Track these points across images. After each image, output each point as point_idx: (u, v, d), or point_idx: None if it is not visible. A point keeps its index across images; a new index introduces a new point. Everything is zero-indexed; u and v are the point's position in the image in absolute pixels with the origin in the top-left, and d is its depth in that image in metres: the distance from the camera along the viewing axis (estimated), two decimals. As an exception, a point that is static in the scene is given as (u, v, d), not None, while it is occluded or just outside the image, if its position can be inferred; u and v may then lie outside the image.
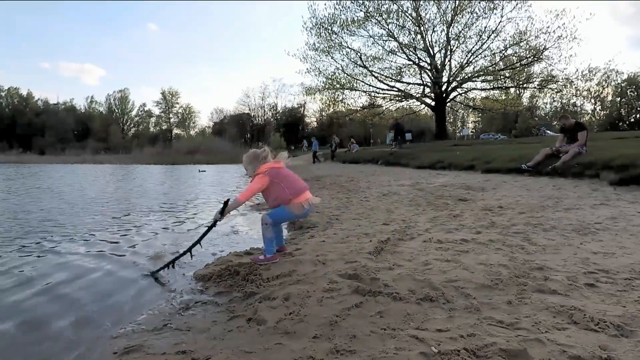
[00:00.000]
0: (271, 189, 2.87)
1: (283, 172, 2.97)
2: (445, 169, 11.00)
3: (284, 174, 2.95)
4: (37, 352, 1.83)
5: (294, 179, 2.99)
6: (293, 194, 2.89)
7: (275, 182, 2.86)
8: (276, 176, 2.88)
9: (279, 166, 2.98)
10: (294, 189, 2.91)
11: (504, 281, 2.21)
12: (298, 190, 2.93)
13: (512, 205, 4.68)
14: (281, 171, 2.95)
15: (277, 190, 2.87)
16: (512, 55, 27.20)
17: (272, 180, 2.85)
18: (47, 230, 4.69)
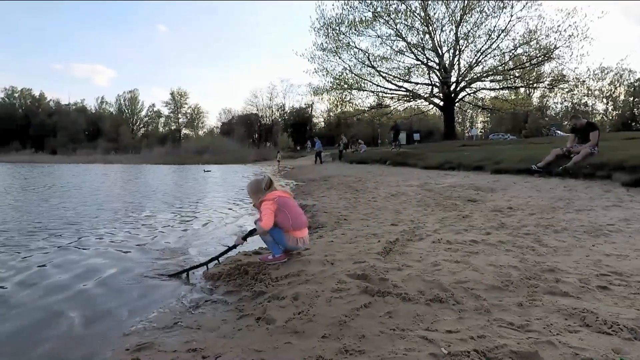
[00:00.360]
0: (275, 216, 2.86)
1: (290, 202, 2.99)
2: (454, 169, 10.92)
3: (290, 204, 2.97)
4: (51, 347, 1.86)
5: (298, 212, 3.01)
6: (294, 227, 2.90)
7: (281, 209, 2.87)
8: (283, 205, 2.89)
9: (286, 196, 3.00)
10: (296, 221, 2.92)
11: (514, 283, 2.20)
12: (299, 224, 2.95)
13: (522, 206, 4.64)
14: (288, 201, 2.97)
15: (281, 217, 2.86)
16: (522, 55, 26.92)
17: (278, 208, 2.86)
18: (60, 228, 4.76)
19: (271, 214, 2.79)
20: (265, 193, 2.93)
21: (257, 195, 2.97)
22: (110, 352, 1.78)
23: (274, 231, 2.88)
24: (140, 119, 78.17)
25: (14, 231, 4.62)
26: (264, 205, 2.84)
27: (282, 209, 2.87)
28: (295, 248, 2.97)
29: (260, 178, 3.04)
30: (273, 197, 2.89)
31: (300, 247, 2.98)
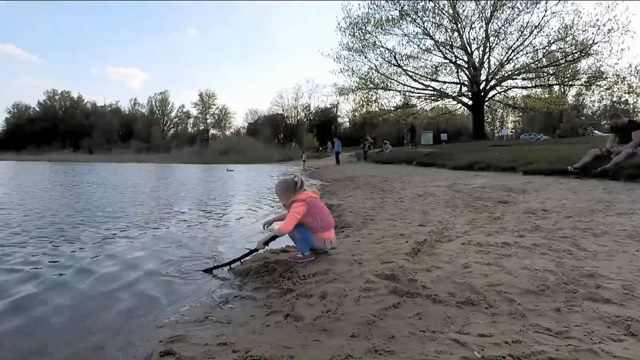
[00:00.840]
0: (305, 217, 2.86)
1: (319, 203, 2.99)
2: (484, 170, 10.63)
3: (319, 205, 2.97)
4: (89, 339, 1.94)
5: (326, 212, 3.01)
6: (323, 228, 2.91)
7: (312, 212, 2.87)
8: (313, 206, 2.89)
9: (316, 196, 3.01)
10: (325, 222, 2.93)
11: (550, 287, 2.11)
12: (327, 225, 2.96)
13: (558, 209, 4.44)
14: (317, 202, 2.97)
15: (310, 219, 2.87)
16: (557, 51, 25.82)
17: (309, 210, 2.86)
18: (101, 221, 4.99)
19: (295, 219, 2.81)
20: (296, 193, 2.93)
21: (286, 195, 2.97)
22: (145, 343, 1.84)
23: (302, 231, 2.90)
24: (170, 119, 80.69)
25: (65, 224, 4.88)
26: (294, 207, 2.85)
27: (312, 210, 2.87)
28: (323, 249, 2.97)
29: (290, 178, 3.03)
30: (305, 197, 2.89)
31: (327, 247, 2.98)
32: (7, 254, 3.48)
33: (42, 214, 5.89)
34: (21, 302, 2.41)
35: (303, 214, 2.84)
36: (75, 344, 1.87)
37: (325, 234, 2.93)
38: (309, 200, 2.87)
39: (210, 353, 1.64)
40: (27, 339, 1.93)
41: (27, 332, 2.02)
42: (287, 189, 2.97)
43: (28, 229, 4.68)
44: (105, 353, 1.78)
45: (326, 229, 2.94)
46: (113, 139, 71.48)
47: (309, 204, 2.86)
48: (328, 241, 2.96)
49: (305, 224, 2.87)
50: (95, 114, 77.80)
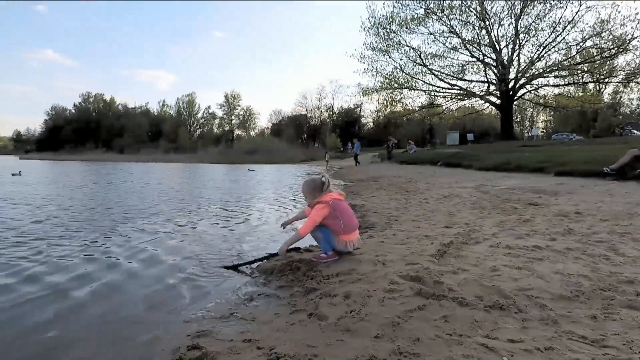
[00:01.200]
0: (327, 219, 2.85)
1: (343, 205, 2.96)
2: (512, 171, 10.29)
3: (343, 207, 2.94)
4: (121, 329, 2.02)
5: (350, 214, 2.98)
6: (345, 230, 2.88)
7: (334, 214, 2.85)
8: (337, 208, 2.87)
9: (340, 198, 2.98)
10: (348, 225, 2.89)
11: (585, 293, 2.01)
12: (350, 227, 2.92)
13: (593, 212, 4.25)
14: (342, 204, 2.95)
15: (332, 221, 2.85)
16: (592, 47, 24.63)
17: (331, 212, 2.84)
18: (131, 218, 5.18)
19: (314, 222, 2.80)
20: (322, 194, 2.92)
21: (312, 195, 2.96)
22: (172, 337, 1.90)
23: (324, 231, 2.89)
24: (196, 120, 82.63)
25: (102, 220, 5.11)
26: (315, 209, 2.85)
27: (335, 212, 2.85)
28: (343, 251, 2.94)
29: (317, 177, 3.02)
30: (328, 199, 2.87)
31: (348, 249, 2.95)
32: (48, 247, 3.67)
33: (85, 209, 6.17)
34: (60, 291, 2.53)
35: (325, 217, 2.83)
36: (108, 335, 1.95)
37: (347, 236, 2.90)
38: (332, 203, 2.85)
39: (235, 349, 1.67)
40: (65, 328, 2.02)
41: (64, 321, 2.11)
42: (313, 188, 2.97)
43: (65, 222, 4.92)
44: (135, 345, 1.85)
45: (348, 232, 2.91)
46: (142, 139, 73.87)
47: (332, 206, 2.84)
48: (350, 244, 2.93)
49: (328, 226, 2.86)
50: (126, 115, 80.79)
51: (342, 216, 2.87)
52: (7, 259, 3.31)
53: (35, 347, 1.85)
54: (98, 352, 1.80)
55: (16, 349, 1.84)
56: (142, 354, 1.76)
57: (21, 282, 2.76)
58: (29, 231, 4.47)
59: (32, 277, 2.86)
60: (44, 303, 2.37)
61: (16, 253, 3.50)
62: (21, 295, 2.50)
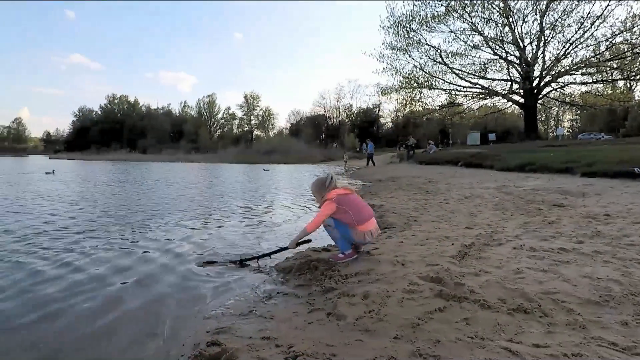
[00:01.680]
0: (336, 214, 2.86)
1: (351, 198, 2.95)
2: (536, 171, 10.00)
3: (352, 200, 2.93)
4: (143, 325, 2.07)
5: (361, 206, 2.95)
6: (358, 221, 2.85)
7: (342, 208, 2.85)
8: (343, 203, 2.87)
9: (347, 192, 2.97)
10: (359, 216, 2.87)
11: (616, 298, 1.93)
12: (363, 218, 2.89)
13: (623, 214, 4.07)
14: (349, 197, 2.93)
15: (341, 215, 2.85)
16: (622, 43, 23.59)
17: (338, 207, 2.85)
18: (156, 215, 5.31)
19: (321, 219, 2.85)
20: (327, 191, 2.96)
21: (320, 194, 3.02)
22: (193, 333, 1.93)
23: (340, 227, 2.88)
24: (217, 121, 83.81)
25: (128, 218, 5.27)
26: (322, 207, 2.89)
27: (342, 206, 2.85)
28: (363, 242, 2.93)
29: (323, 177, 3.06)
30: (332, 196, 2.89)
31: (368, 240, 2.92)
32: (83, 240, 3.80)
33: (116, 206, 6.37)
34: (97, 283, 2.61)
35: (333, 212, 2.84)
36: (133, 329, 2.01)
37: (362, 227, 2.87)
38: (336, 199, 2.86)
39: (254, 346, 1.68)
40: (93, 323, 2.09)
41: (95, 316, 2.19)
42: (319, 187, 3.03)
43: (97, 218, 5.08)
44: (158, 339, 1.89)
45: (362, 222, 2.88)
46: (165, 139, 75.50)
47: (338, 201, 2.85)
48: (368, 234, 2.90)
49: (341, 220, 2.86)
50: (149, 116, 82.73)
51: (350, 209, 2.85)
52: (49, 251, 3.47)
53: (76, 338, 1.93)
54: (124, 345, 1.85)
55: (60, 339, 1.91)
56: (164, 348, 1.80)
57: (69, 272, 2.88)
58: (67, 225, 4.73)
59: (69, 266, 2.97)
60: (84, 295, 2.48)
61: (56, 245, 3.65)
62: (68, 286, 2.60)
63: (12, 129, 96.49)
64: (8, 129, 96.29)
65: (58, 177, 14.46)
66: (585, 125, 54.96)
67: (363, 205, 2.99)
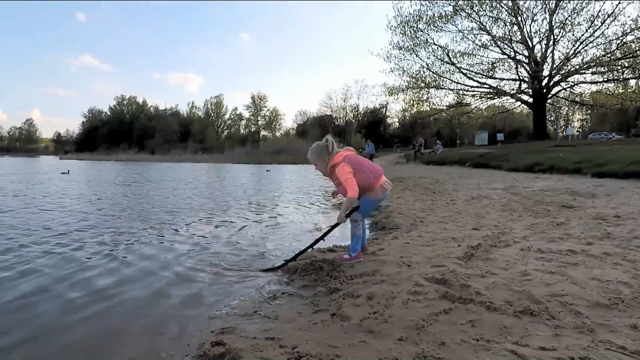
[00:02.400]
0: (356, 176, 2.73)
1: (359, 158, 2.87)
2: (545, 172, 9.90)
3: (360, 160, 2.86)
4: (148, 324, 2.08)
5: (370, 163, 2.92)
6: (376, 176, 2.83)
7: (357, 168, 2.76)
8: (355, 162, 2.79)
9: (352, 153, 2.89)
10: (375, 172, 2.84)
11: (625, 301, 1.90)
12: (379, 173, 2.88)
13: (634, 215, 4.01)
14: (357, 158, 2.86)
15: (362, 176, 2.75)
16: (634, 42, 23.21)
17: (354, 167, 2.75)
18: (165, 215, 5.35)
19: (353, 180, 2.68)
20: (332, 156, 2.82)
21: (322, 159, 2.85)
22: (198, 332, 1.94)
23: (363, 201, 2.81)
24: (224, 121, 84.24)
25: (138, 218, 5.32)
26: (341, 171, 2.72)
27: (357, 166, 2.76)
28: (384, 198, 2.95)
29: (322, 142, 2.89)
30: (341, 158, 2.78)
31: (387, 194, 2.93)
32: (84, 238, 3.85)
33: (127, 206, 6.45)
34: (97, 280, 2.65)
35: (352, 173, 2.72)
36: (139, 328, 2.02)
37: (380, 181, 2.86)
38: (348, 159, 2.77)
39: (258, 347, 1.68)
40: (98, 322, 2.11)
41: (105, 315, 2.21)
42: (320, 152, 2.86)
43: (105, 217, 5.15)
44: (163, 338, 1.90)
45: (379, 176, 2.86)
46: (172, 140, 76.07)
47: (351, 161, 2.76)
48: (387, 184, 2.90)
49: (360, 182, 2.73)
50: (157, 117, 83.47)
51: (363, 165, 2.81)
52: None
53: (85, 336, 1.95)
54: (130, 344, 1.86)
55: (65, 337, 1.94)
56: (169, 347, 1.81)
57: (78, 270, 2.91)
58: (84, 222, 4.74)
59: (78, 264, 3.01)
60: (90, 294, 2.49)
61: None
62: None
63: (24, 129, 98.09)
64: (20, 130, 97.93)
65: (73, 178, 14.86)
66: (595, 125, 54.24)
67: (372, 163, 2.96)
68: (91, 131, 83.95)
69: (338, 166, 2.76)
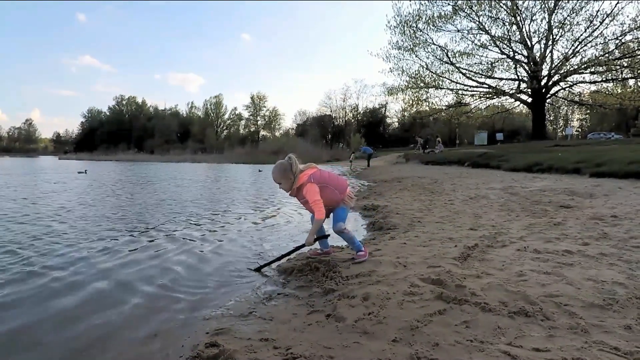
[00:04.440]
0: (322, 194, 2.77)
1: (323, 174, 2.89)
2: (544, 172, 9.91)
3: (325, 175, 2.89)
4: (143, 325, 2.08)
5: (335, 177, 2.97)
6: (341, 192, 2.91)
7: (323, 186, 2.79)
8: (321, 180, 2.82)
9: (315, 170, 2.89)
10: (340, 187, 2.92)
11: (620, 302, 1.90)
12: (343, 187, 2.95)
13: (631, 215, 4.01)
14: (322, 174, 2.88)
15: (328, 194, 2.80)
16: (632, 41, 23.26)
17: (320, 186, 2.78)
18: (162, 217, 5.35)
19: (320, 202, 2.73)
20: (296, 176, 2.81)
21: (287, 178, 2.82)
22: (192, 333, 1.94)
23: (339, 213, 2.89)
24: (223, 121, 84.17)
25: (134, 220, 5.32)
26: (307, 192, 2.75)
27: (323, 184, 2.81)
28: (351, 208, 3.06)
29: (284, 161, 2.86)
30: (307, 177, 2.79)
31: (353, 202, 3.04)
32: (76, 241, 3.85)
33: (141, 205, 6.45)
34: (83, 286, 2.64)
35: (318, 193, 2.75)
36: (133, 328, 2.02)
37: (346, 193, 2.95)
38: (313, 178, 2.79)
39: (252, 348, 1.68)
40: (92, 323, 2.11)
41: (95, 315, 2.20)
42: (284, 171, 2.82)
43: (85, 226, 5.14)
44: (156, 339, 1.89)
45: (344, 190, 2.94)
46: (172, 140, 76.02)
47: (315, 180, 2.79)
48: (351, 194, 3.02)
49: (326, 200, 2.77)
50: (156, 117, 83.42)
51: (328, 182, 2.86)
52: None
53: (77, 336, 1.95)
54: (124, 345, 1.86)
55: (56, 339, 1.93)
56: (163, 349, 1.80)
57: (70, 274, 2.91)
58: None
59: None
60: (85, 295, 2.49)
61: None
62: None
63: (23, 130, 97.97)
64: (19, 130, 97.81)
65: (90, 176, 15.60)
66: (595, 125, 54.29)
67: (336, 176, 3.03)
68: (90, 131, 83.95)
69: (305, 187, 2.78)
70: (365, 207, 5.99)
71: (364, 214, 5.61)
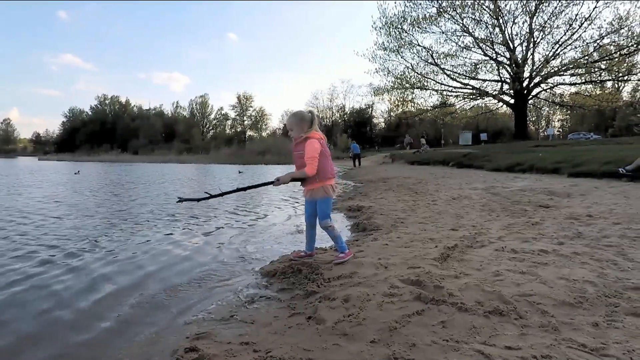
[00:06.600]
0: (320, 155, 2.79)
1: (327, 149, 2.93)
2: (525, 172, 10.14)
3: (327, 151, 2.92)
4: (121, 330, 2.06)
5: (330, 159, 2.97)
6: (331, 174, 2.92)
7: (324, 152, 2.83)
8: (324, 149, 2.86)
9: (324, 140, 2.93)
10: (332, 169, 2.94)
11: (589, 300, 1.97)
12: (333, 172, 2.96)
13: (605, 214, 4.15)
14: (326, 148, 2.92)
15: (323, 162, 2.81)
16: (610, 45, 24.01)
17: (322, 149, 2.81)
18: (142, 221, 5.28)
19: (317, 160, 2.76)
20: (310, 130, 2.83)
21: (300, 127, 2.83)
22: (172, 338, 1.93)
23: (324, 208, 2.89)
24: (209, 121, 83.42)
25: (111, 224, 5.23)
26: (310, 146, 2.76)
27: (325, 153, 2.84)
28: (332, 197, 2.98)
29: (306, 113, 2.87)
30: (318, 136, 2.82)
31: (333, 196, 2.98)
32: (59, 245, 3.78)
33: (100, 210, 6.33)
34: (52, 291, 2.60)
35: (318, 152, 2.78)
36: (110, 334, 2.00)
37: (333, 179, 2.94)
38: (322, 142, 2.84)
39: (231, 352, 1.69)
40: (75, 330, 2.08)
41: (78, 322, 2.17)
42: (302, 120, 2.83)
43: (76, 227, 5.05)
44: (136, 345, 1.88)
45: (333, 175, 2.94)
46: (156, 140, 74.93)
47: (323, 145, 2.83)
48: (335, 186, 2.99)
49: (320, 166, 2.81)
50: (140, 117, 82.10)
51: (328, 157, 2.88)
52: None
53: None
54: (104, 350, 1.84)
55: (37, 342, 1.90)
56: (143, 354, 1.79)
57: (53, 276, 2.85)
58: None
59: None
60: (62, 301, 2.44)
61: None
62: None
63: (1, 130, 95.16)
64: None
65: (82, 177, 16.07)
66: (575, 126, 55.75)
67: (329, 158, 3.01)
68: (72, 131, 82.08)
69: (310, 140, 2.80)
70: (350, 208, 6.04)
71: (348, 215, 5.65)
